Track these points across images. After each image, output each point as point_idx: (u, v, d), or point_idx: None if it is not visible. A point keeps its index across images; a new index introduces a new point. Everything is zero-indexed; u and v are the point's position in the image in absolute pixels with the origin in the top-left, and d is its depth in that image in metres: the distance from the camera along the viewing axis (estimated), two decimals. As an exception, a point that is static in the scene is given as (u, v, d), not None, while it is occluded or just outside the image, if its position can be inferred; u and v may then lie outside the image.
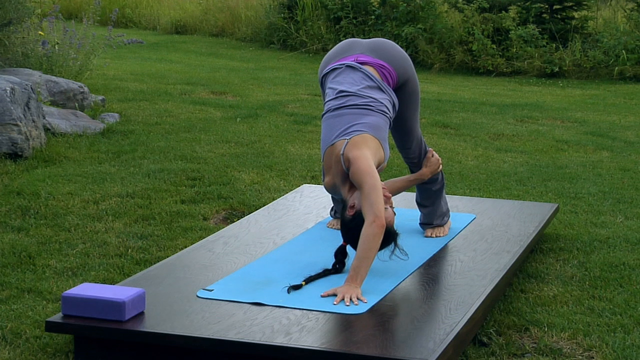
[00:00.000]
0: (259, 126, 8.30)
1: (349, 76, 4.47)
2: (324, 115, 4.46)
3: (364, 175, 4.15)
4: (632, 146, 8.19)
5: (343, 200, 4.32)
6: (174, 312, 3.76)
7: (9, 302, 4.24)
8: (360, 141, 4.26)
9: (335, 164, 4.30)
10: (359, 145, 4.24)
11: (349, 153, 4.22)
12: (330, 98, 4.46)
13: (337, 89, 4.44)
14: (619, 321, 4.23)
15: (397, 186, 4.82)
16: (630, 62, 12.64)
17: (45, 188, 5.94)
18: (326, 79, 4.56)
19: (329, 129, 4.38)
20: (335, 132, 4.34)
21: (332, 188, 4.39)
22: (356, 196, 4.21)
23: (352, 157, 4.21)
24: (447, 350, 3.50)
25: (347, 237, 4.26)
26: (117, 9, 11.82)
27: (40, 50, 9.04)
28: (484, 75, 13.02)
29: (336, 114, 4.38)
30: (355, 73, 4.46)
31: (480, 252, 4.67)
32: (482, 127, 8.79)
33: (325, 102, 4.51)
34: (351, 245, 4.24)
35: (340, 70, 4.50)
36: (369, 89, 4.42)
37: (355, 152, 4.21)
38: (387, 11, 14.08)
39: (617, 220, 5.84)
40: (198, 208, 5.75)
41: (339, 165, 4.27)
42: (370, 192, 4.11)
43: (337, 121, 4.36)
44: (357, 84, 4.43)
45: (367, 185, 4.13)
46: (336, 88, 4.45)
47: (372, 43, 4.62)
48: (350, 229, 4.20)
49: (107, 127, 7.76)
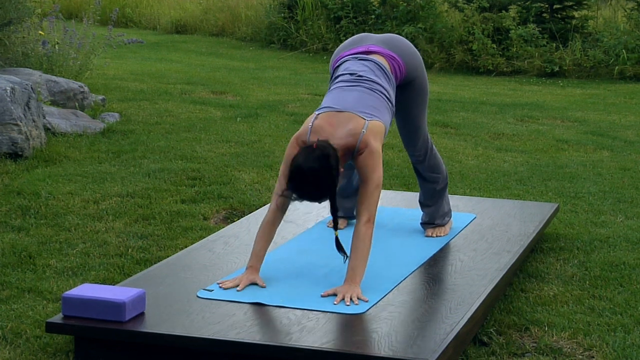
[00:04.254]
0: (259, 126, 8.30)
1: (363, 64, 4.42)
2: (334, 87, 4.30)
3: (374, 172, 4.08)
4: (633, 145, 8.19)
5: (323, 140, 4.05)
6: (174, 313, 3.76)
7: (9, 302, 4.24)
8: (378, 131, 4.14)
9: (345, 132, 4.09)
10: (378, 136, 4.12)
11: (370, 139, 4.09)
12: (342, 79, 4.34)
13: (350, 72, 4.36)
14: (619, 321, 4.23)
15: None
16: (630, 61, 12.63)
17: (46, 188, 5.94)
18: (337, 70, 4.50)
19: (342, 96, 4.21)
20: (352, 102, 4.18)
21: (320, 132, 4.12)
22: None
23: (372, 146, 4.08)
24: (447, 349, 3.50)
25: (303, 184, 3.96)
26: (117, 8, 11.81)
27: (40, 50, 9.04)
28: (484, 75, 13.02)
29: (350, 87, 4.26)
30: (369, 63, 4.42)
31: (480, 251, 4.67)
32: (483, 127, 8.79)
33: (335, 82, 4.37)
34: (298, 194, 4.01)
35: (352, 61, 4.46)
36: (382, 79, 4.38)
37: (376, 143, 4.10)
38: (387, 11, 14.08)
39: (617, 219, 5.83)
40: (198, 208, 5.75)
41: (350, 138, 4.09)
42: (374, 192, 4.08)
43: (351, 94, 4.23)
44: (372, 71, 4.38)
45: (373, 183, 4.08)
46: (350, 71, 4.36)
47: (384, 37, 4.62)
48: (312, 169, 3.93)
49: (107, 126, 7.76)
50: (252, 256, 4.15)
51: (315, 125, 4.14)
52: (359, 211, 4.09)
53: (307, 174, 3.93)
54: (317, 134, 4.11)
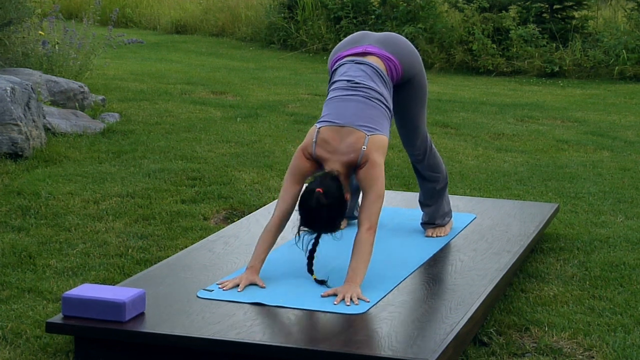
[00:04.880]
0: (259, 126, 8.30)
1: (359, 69, 4.42)
2: (332, 96, 4.34)
3: (375, 184, 4.12)
4: (633, 146, 8.19)
5: (325, 173, 4.16)
6: (174, 313, 3.76)
7: (9, 302, 4.24)
8: (380, 145, 4.18)
9: (348, 147, 4.16)
10: (380, 150, 4.17)
11: (372, 153, 4.14)
12: (340, 86, 4.37)
13: (348, 78, 4.37)
14: (619, 321, 4.22)
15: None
16: (630, 61, 12.63)
17: (46, 188, 5.94)
18: (335, 74, 4.51)
19: (341, 107, 4.25)
20: (351, 115, 4.21)
21: (323, 156, 4.20)
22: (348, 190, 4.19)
23: (374, 160, 4.13)
24: (447, 350, 3.50)
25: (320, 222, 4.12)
26: (117, 8, 11.82)
27: (40, 50, 9.04)
28: (484, 75, 13.02)
29: (348, 97, 4.29)
30: (365, 67, 4.42)
31: (480, 251, 4.67)
32: (483, 127, 8.79)
33: (333, 89, 4.40)
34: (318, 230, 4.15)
35: (350, 65, 4.46)
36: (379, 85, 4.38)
37: (378, 157, 4.15)
38: (387, 11, 14.08)
39: (617, 219, 5.83)
40: (198, 208, 5.75)
41: (352, 154, 4.15)
42: (375, 202, 4.11)
43: (350, 105, 4.25)
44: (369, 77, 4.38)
45: (374, 194, 4.11)
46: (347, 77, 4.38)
47: (382, 36, 4.60)
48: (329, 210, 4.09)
49: (107, 127, 7.76)
50: (253, 257, 4.17)
51: (320, 139, 4.20)
52: (360, 220, 4.10)
53: (323, 220, 4.09)
54: (323, 148, 4.18)
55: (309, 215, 4.07)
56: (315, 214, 4.06)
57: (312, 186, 4.07)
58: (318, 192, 4.02)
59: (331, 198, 4.04)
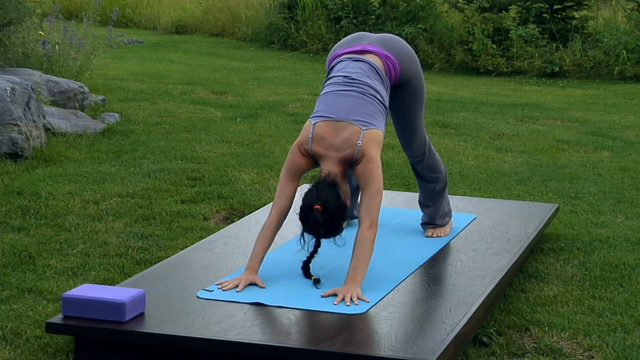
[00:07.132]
0: (259, 126, 8.30)
1: (357, 66, 4.42)
2: (327, 90, 4.33)
3: (373, 178, 4.11)
4: (633, 146, 8.19)
5: (323, 179, 4.14)
6: (174, 313, 3.76)
7: (9, 302, 4.24)
8: (376, 140, 4.17)
9: (343, 143, 4.15)
10: (376, 145, 4.16)
11: (368, 148, 4.13)
12: (336, 81, 4.36)
13: (344, 74, 4.37)
14: (619, 321, 4.23)
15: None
16: (630, 62, 12.63)
17: (46, 188, 5.94)
18: (332, 71, 4.51)
19: (336, 102, 4.24)
20: (346, 110, 4.20)
21: (319, 152, 4.19)
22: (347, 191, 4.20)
23: (370, 155, 4.12)
24: (447, 350, 3.50)
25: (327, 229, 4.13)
26: (117, 8, 11.82)
27: (40, 50, 9.04)
28: (484, 75, 13.02)
29: (344, 92, 4.28)
30: (363, 64, 4.42)
31: (480, 252, 4.67)
32: (483, 127, 8.79)
33: (328, 84, 4.39)
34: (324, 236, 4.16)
35: (347, 62, 4.46)
36: (376, 82, 4.38)
37: (374, 151, 4.14)
38: (387, 11, 14.08)
39: (617, 220, 5.84)
40: (198, 208, 5.75)
41: (347, 150, 4.14)
42: (374, 197, 4.10)
43: (346, 100, 4.24)
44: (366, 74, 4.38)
45: (372, 189, 4.10)
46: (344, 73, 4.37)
47: (381, 36, 4.61)
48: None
49: (108, 127, 7.76)
50: (251, 257, 4.16)
51: (316, 135, 4.18)
52: (360, 217, 4.10)
53: (322, 232, 4.09)
54: (319, 144, 4.17)
55: (309, 229, 4.11)
56: (315, 229, 4.09)
57: (310, 201, 4.05)
58: (316, 209, 4.01)
59: (330, 212, 4.04)
